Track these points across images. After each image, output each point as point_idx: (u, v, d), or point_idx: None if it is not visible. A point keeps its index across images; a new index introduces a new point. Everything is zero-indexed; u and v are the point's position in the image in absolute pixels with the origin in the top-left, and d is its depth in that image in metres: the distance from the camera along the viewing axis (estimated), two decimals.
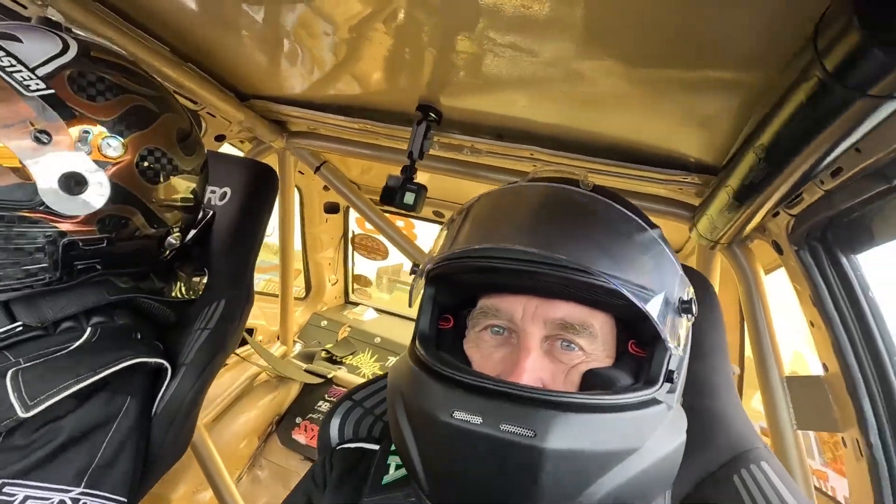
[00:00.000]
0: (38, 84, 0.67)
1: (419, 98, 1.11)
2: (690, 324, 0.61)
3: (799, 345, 1.18)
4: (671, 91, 0.83)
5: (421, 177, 1.20)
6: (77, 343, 0.73)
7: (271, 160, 1.63)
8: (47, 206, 0.68)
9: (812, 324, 0.93)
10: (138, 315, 0.86)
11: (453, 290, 0.68)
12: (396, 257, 2.65)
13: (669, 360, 0.56)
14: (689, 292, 0.59)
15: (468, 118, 1.16)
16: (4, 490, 0.59)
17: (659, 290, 0.55)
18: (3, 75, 0.65)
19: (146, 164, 0.75)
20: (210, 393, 1.92)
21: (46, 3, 0.89)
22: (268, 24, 0.98)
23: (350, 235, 2.47)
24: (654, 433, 0.52)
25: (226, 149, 1.58)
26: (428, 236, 1.82)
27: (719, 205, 0.90)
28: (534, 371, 0.56)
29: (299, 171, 1.86)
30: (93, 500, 0.66)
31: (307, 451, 2.06)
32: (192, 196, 0.86)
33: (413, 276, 0.69)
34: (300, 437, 2.10)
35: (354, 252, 2.55)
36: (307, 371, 2.18)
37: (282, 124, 1.52)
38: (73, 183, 0.69)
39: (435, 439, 0.53)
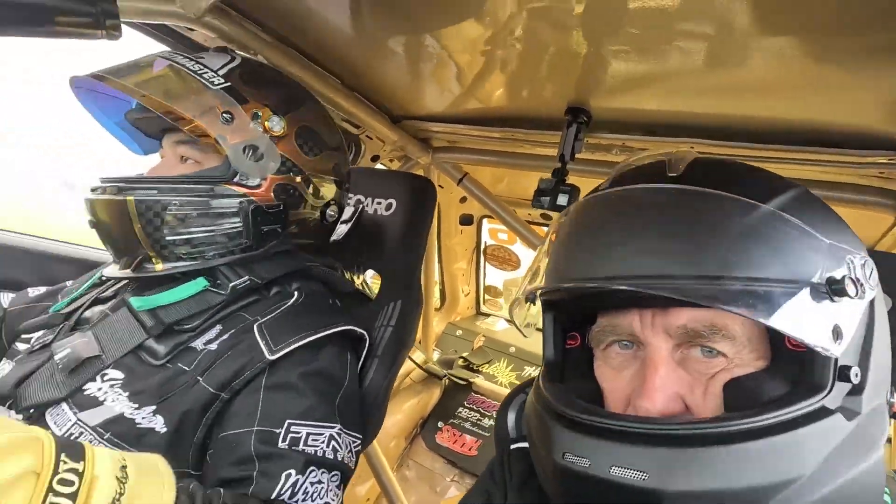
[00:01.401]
0: (219, 80, 0.84)
1: (568, 101, 1.12)
2: (865, 303, 0.48)
3: None
4: (873, 60, 0.74)
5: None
6: (290, 302, 0.88)
7: None
8: (238, 176, 0.84)
9: None
10: (331, 288, 1.00)
11: (571, 309, 0.65)
12: (525, 269, 2.65)
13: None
14: (851, 265, 0.47)
15: (618, 116, 1.14)
16: (291, 428, 0.74)
17: (787, 275, 0.44)
18: (196, 76, 0.83)
19: (302, 138, 0.91)
20: None
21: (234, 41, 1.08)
22: (416, 49, 1.07)
23: (483, 247, 2.54)
24: (825, 454, 0.43)
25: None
26: None
27: None
28: (666, 388, 0.50)
29: (439, 185, 1.97)
30: (347, 435, 0.81)
31: (450, 454, 2.14)
32: (338, 171, 1.00)
33: (512, 305, 0.68)
34: (443, 441, 2.18)
35: (486, 263, 2.61)
36: (448, 375, 2.27)
37: (427, 141, 1.64)
38: (252, 152, 0.84)
39: (552, 479, 0.52)
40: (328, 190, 0.98)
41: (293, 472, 0.71)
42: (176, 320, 0.81)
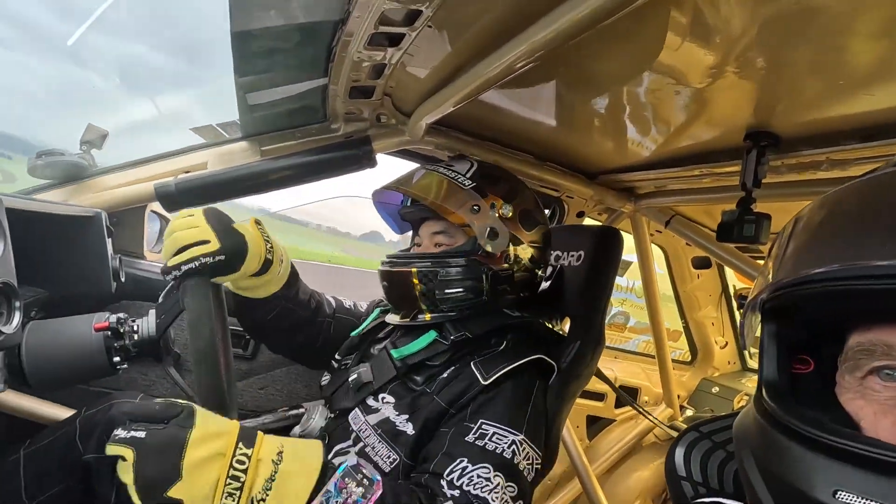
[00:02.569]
0: (468, 181, 1.13)
1: (746, 127, 1.07)
2: None
3: None
4: None
5: (769, 208, 1.10)
6: (501, 348, 1.10)
7: (626, 225, 1.81)
8: (481, 251, 1.10)
9: None
10: (533, 335, 1.18)
11: (808, 322, 0.53)
12: None
13: None
14: None
15: (819, 129, 1.01)
16: (482, 426, 0.94)
17: None
18: (453, 181, 1.13)
19: (523, 218, 1.14)
20: (600, 445, 2.11)
21: (462, 153, 1.43)
22: (596, 113, 1.22)
23: (732, 291, 2.26)
24: None
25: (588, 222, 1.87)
26: None
27: None
28: None
29: (657, 231, 1.94)
30: (529, 446, 0.95)
31: None
32: (545, 239, 1.20)
33: (742, 311, 0.62)
34: None
35: (740, 310, 2.29)
36: None
37: (630, 190, 1.70)
38: (492, 232, 1.09)
39: None
40: (538, 255, 1.18)
41: (466, 460, 0.88)
42: (416, 362, 1.13)
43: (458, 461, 0.89)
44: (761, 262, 1.55)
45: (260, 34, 0.84)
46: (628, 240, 1.84)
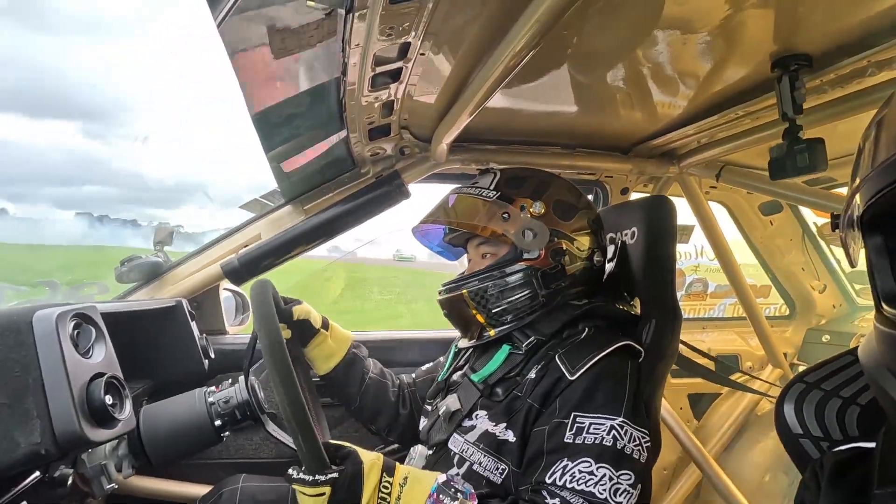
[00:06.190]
0: (492, 193, 1.15)
1: (771, 55, 1.01)
2: None
3: None
4: None
5: (820, 133, 1.02)
6: (581, 337, 1.08)
7: (676, 190, 1.73)
8: (523, 255, 1.11)
9: None
10: (610, 320, 1.16)
11: None
12: None
13: None
14: None
15: (851, 35, 0.94)
16: (577, 420, 0.93)
17: None
18: (478, 196, 1.16)
19: (558, 210, 1.13)
20: (711, 423, 1.98)
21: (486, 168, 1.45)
22: (625, 84, 1.20)
23: (815, 229, 2.08)
24: None
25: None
26: None
27: None
28: None
29: (711, 188, 1.84)
30: (631, 427, 0.93)
31: None
32: (592, 224, 1.18)
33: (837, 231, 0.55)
34: None
35: (830, 246, 2.10)
36: None
37: (670, 154, 1.63)
38: (529, 233, 1.10)
39: None
40: (588, 241, 1.17)
41: (566, 458, 0.88)
42: (497, 380, 1.13)
43: (557, 463, 0.88)
44: (836, 190, 1.43)
45: (275, 110, 0.92)
46: (682, 206, 1.77)
